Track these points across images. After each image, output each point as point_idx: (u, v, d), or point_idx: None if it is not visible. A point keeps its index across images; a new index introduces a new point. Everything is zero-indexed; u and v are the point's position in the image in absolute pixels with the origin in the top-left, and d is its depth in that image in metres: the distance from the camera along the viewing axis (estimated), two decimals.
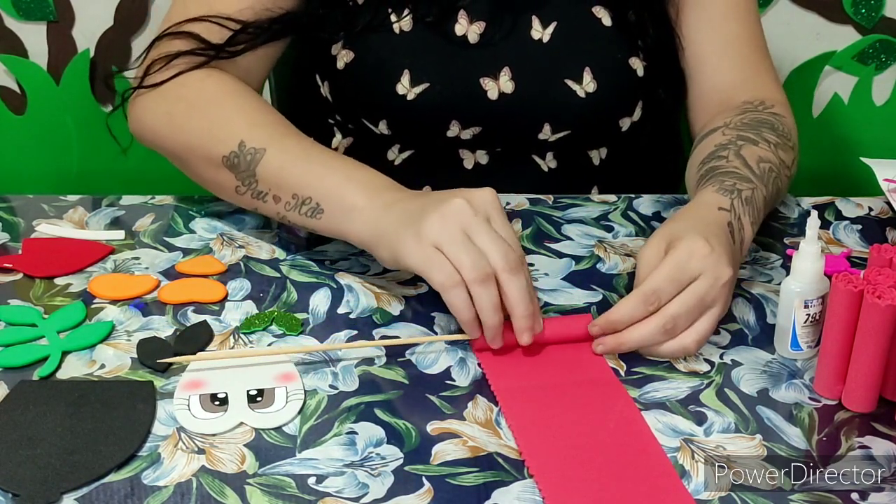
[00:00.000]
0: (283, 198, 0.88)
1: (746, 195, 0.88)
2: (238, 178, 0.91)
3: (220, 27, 0.96)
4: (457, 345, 0.82)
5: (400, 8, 1.01)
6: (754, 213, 0.88)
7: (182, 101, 0.95)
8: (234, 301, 0.87)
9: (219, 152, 0.91)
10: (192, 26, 0.96)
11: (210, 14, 0.96)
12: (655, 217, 1.02)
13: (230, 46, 0.97)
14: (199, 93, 0.95)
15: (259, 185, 0.89)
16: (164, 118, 0.96)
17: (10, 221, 0.99)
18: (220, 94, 0.95)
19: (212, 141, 0.92)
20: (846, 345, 0.74)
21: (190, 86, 0.95)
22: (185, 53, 0.96)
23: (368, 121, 1.06)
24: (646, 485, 0.68)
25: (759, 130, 0.97)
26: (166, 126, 0.96)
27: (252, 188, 0.90)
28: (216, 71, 0.96)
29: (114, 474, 0.68)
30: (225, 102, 0.94)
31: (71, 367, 0.78)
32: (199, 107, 0.95)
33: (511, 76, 1.02)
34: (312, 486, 0.67)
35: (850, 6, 1.28)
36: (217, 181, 0.93)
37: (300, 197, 0.87)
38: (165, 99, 0.96)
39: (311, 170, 0.88)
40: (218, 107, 0.94)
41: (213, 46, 0.96)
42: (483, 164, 1.07)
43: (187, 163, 0.95)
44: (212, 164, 0.92)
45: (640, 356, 0.81)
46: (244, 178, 0.90)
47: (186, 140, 0.94)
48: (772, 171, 0.93)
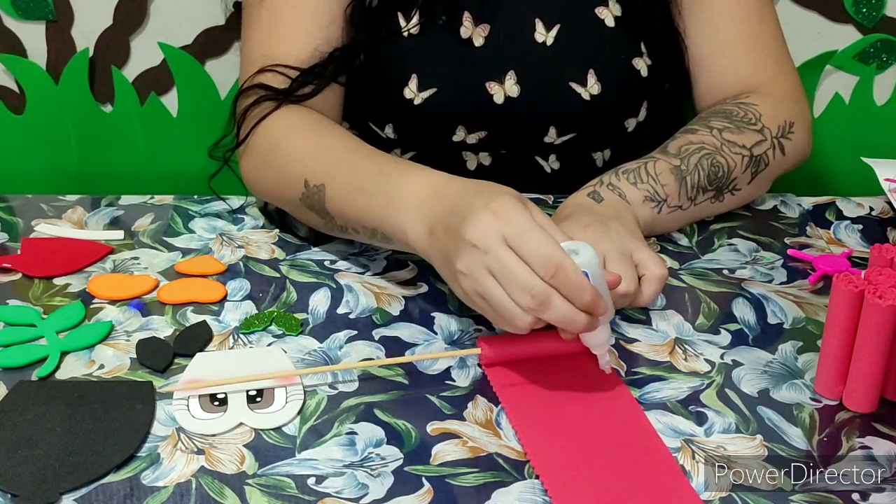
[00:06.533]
0: (358, 230, 0.87)
1: (626, 168, 0.95)
2: (319, 215, 0.90)
3: (283, 76, 0.96)
4: (457, 346, 0.82)
5: (408, 11, 1.01)
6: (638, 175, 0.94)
7: (258, 153, 0.96)
8: (233, 301, 0.87)
9: (296, 195, 0.91)
10: (259, 77, 0.97)
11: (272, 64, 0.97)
12: None
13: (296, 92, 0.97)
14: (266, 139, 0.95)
15: (336, 219, 0.88)
16: (252, 173, 0.97)
17: (8, 221, 0.99)
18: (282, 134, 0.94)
19: (287, 185, 0.92)
20: (847, 345, 0.74)
21: (261, 135, 0.95)
22: (254, 104, 0.96)
23: (375, 124, 1.06)
24: (652, 483, 0.67)
25: (708, 120, 1.00)
26: (257, 180, 0.97)
27: (334, 223, 0.89)
28: (282, 110, 0.96)
29: (113, 475, 0.68)
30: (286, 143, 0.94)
31: (70, 367, 0.78)
32: (266, 152, 0.95)
33: (516, 80, 1.02)
34: (312, 486, 0.67)
35: (851, 5, 1.28)
36: (312, 222, 0.93)
37: (368, 228, 0.85)
38: (251, 154, 0.97)
39: (362, 202, 0.85)
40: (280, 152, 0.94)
41: (281, 92, 0.96)
42: (486, 165, 1.07)
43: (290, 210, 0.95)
44: (298, 207, 0.92)
45: (640, 357, 0.81)
46: (323, 214, 0.89)
47: (271, 190, 0.96)
48: (701, 150, 0.96)
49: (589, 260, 0.73)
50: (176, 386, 0.76)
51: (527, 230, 0.71)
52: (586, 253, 0.73)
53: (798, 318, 0.86)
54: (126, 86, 1.28)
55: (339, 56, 0.99)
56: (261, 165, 0.96)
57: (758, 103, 1.01)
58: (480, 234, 0.72)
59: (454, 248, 0.74)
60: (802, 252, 0.96)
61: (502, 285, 0.72)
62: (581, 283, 0.70)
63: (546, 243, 0.71)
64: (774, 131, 1.00)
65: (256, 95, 0.96)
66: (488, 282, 0.72)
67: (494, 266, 0.72)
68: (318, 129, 0.94)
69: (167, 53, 1.27)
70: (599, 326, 0.74)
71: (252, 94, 0.96)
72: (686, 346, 0.82)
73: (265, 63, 0.97)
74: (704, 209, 0.98)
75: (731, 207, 1.01)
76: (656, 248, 0.96)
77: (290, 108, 0.96)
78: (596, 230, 0.85)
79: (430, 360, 0.79)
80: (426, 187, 0.80)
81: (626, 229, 0.87)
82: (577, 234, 0.84)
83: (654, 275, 0.83)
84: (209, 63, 1.28)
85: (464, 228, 0.73)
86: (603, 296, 0.72)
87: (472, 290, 0.74)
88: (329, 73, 0.98)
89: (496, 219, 0.72)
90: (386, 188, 0.82)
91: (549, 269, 0.70)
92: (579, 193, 0.93)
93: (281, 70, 0.96)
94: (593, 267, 0.73)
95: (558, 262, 0.70)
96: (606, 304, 0.73)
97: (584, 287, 0.71)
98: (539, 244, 0.71)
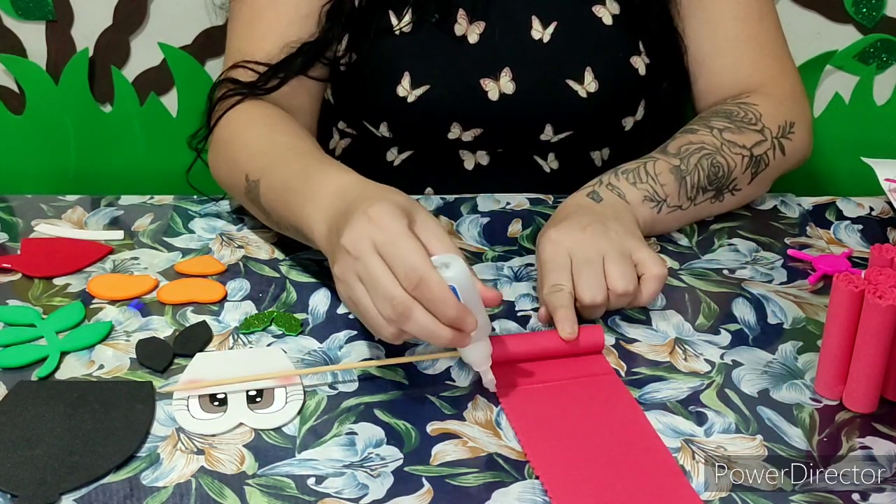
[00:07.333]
0: (287, 227, 0.88)
1: (626, 168, 0.95)
2: (260, 210, 0.91)
3: (252, 71, 0.98)
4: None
5: (400, 9, 1.01)
6: (637, 175, 0.94)
7: (219, 145, 0.98)
8: (233, 301, 0.87)
9: (241, 189, 0.93)
10: (231, 73, 0.99)
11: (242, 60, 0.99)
12: None
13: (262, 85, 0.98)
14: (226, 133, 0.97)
15: (271, 215, 0.90)
16: (213, 165, 1.00)
17: (8, 221, 0.99)
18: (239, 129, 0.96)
19: (235, 178, 0.94)
20: (847, 345, 0.74)
21: (223, 128, 0.97)
22: (223, 98, 0.98)
23: (369, 123, 1.06)
24: (652, 484, 0.67)
25: (708, 120, 1.00)
26: (215, 171, 0.99)
27: (271, 219, 0.90)
28: (244, 104, 0.98)
29: (113, 475, 0.68)
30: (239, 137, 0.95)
31: (70, 367, 0.78)
32: (223, 145, 0.97)
33: (511, 77, 1.02)
34: (312, 486, 0.67)
35: (851, 5, 1.28)
36: (259, 217, 0.94)
37: (293, 225, 0.86)
38: (214, 146, 0.99)
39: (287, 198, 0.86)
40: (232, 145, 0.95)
41: (246, 85, 0.98)
42: (483, 164, 1.07)
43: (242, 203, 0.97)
44: (245, 200, 0.94)
45: (640, 357, 0.81)
46: (261, 209, 0.91)
47: (225, 182, 0.98)
48: (701, 150, 0.96)
49: (458, 274, 0.70)
50: (176, 386, 0.76)
51: (396, 238, 0.70)
52: (456, 266, 0.70)
53: (798, 318, 0.86)
54: (126, 86, 1.27)
55: (308, 49, 1.00)
56: (219, 158, 0.98)
57: (758, 103, 1.01)
58: (353, 239, 0.72)
59: (333, 252, 0.75)
60: (802, 252, 0.96)
61: (369, 293, 0.71)
62: (444, 296, 0.68)
63: (412, 253, 0.69)
64: (775, 131, 1.00)
65: (226, 89, 0.98)
66: (358, 288, 0.72)
67: (363, 273, 0.71)
68: (270, 124, 0.95)
69: (167, 53, 1.27)
70: (473, 343, 0.72)
71: (223, 87, 0.99)
72: (686, 346, 0.82)
73: (241, 59, 0.99)
74: (704, 209, 0.98)
75: (731, 207, 1.01)
76: (656, 248, 0.96)
77: (253, 102, 0.98)
78: (595, 230, 0.85)
79: (430, 360, 0.79)
80: (335, 187, 0.81)
81: (626, 229, 0.87)
82: (576, 233, 0.84)
83: (653, 274, 0.83)
84: (209, 63, 1.28)
85: (342, 232, 0.73)
86: (474, 311, 0.70)
87: (345, 295, 0.74)
88: (296, 66, 0.99)
89: (370, 225, 0.71)
90: (305, 187, 0.84)
91: (412, 280, 0.68)
92: (579, 193, 0.93)
93: (251, 66, 0.98)
94: (463, 281, 0.70)
95: (421, 273, 0.68)
96: (476, 320, 0.70)
97: (448, 301, 0.68)
98: (405, 253, 0.69)
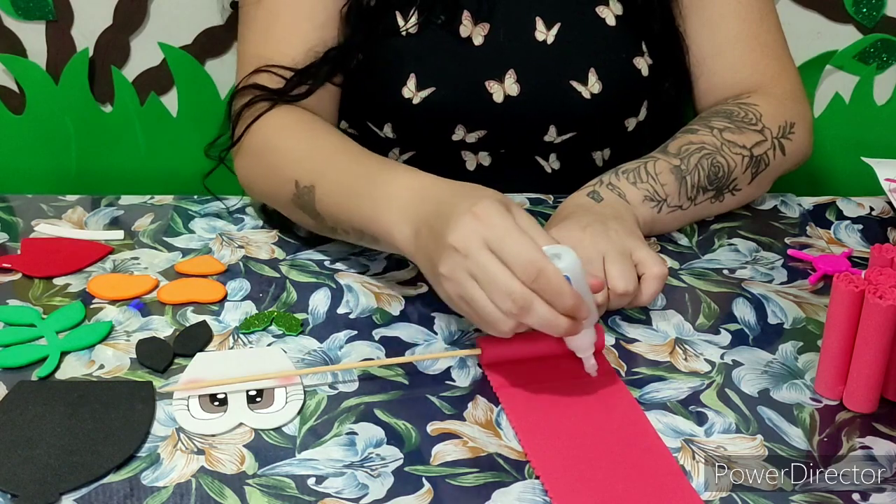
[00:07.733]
0: (348, 231, 0.87)
1: (626, 167, 0.95)
2: (310, 216, 0.90)
3: (278, 76, 0.97)
4: (457, 346, 0.82)
5: (407, 10, 1.00)
6: (637, 175, 0.94)
7: (251, 153, 0.96)
8: (233, 301, 0.87)
9: (287, 195, 0.91)
10: (254, 78, 0.97)
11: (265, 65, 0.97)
12: None
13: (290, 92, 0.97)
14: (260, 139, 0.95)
15: (326, 220, 0.89)
16: (246, 172, 0.98)
17: (8, 221, 0.99)
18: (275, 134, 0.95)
19: (279, 185, 0.92)
20: (847, 345, 0.74)
21: (254, 135, 0.96)
22: (248, 105, 0.96)
23: (373, 124, 1.05)
24: (652, 484, 0.67)
25: (708, 120, 1.00)
26: (250, 179, 0.98)
27: (325, 224, 0.89)
28: (275, 110, 0.96)
29: (113, 475, 0.68)
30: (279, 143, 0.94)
31: (70, 367, 0.78)
32: (258, 153, 0.95)
33: (516, 78, 1.01)
34: (312, 486, 0.67)
35: (851, 5, 1.28)
36: (304, 223, 0.93)
37: (356, 229, 0.85)
38: (244, 154, 0.97)
39: (350, 203, 0.85)
40: (272, 152, 0.94)
41: (275, 92, 0.96)
42: (486, 165, 1.07)
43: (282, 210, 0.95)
44: (290, 207, 0.92)
45: (640, 357, 0.81)
46: (314, 215, 0.90)
47: (264, 190, 0.96)
48: (701, 150, 0.96)
49: (571, 264, 0.72)
50: (176, 386, 0.76)
51: (508, 234, 0.71)
52: (568, 257, 0.72)
53: (798, 318, 0.86)
54: (126, 86, 1.27)
55: (334, 56, 0.99)
56: (254, 165, 0.96)
57: (758, 103, 1.01)
58: (462, 237, 0.72)
59: (437, 252, 0.74)
60: (802, 252, 0.96)
61: (484, 289, 0.72)
62: (562, 287, 0.70)
63: (527, 247, 0.70)
64: (775, 131, 1.00)
65: (251, 95, 0.96)
66: (470, 286, 0.72)
67: (476, 270, 0.72)
68: (310, 129, 0.94)
69: (167, 53, 1.26)
70: (583, 330, 0.74)
71: (247, 94, 0.97)
72: (686, 346, 0.82)
73: (260, 63, 0.97)
74: (704, 209, 0.98)
75: (731, 207, 1.01)
76: (656, 247, 0.96)
77: (284, 108, 0.96)
78: (595, 230, 0.85)
79: (430, 360, 0.79)
80: (412, 189, 0.80)
81: (626, 229, 0.87)
82: (576, 233, 0.84)
83: (653, 274, 0.83)
84: (209, 63, 1.28)
85: (446, 232, 0.73)
86: (585, 300, 0.72)
87: (455, 293, 0.74)
88: (323, 73, 0.99)
89: (478, 222, 0.72)
90: (373, 190, 0.83)
91: (531, 273, 0.70)
92: (579, 193, 0.93)
93: (276, 70, 0.97)
94: (575, 271, 0.72)
95: (539, 266, 0.70)
96: (589, 308, 0.72)
97: (566, 291, 0.70)
98: (520, 248, 0.70)
